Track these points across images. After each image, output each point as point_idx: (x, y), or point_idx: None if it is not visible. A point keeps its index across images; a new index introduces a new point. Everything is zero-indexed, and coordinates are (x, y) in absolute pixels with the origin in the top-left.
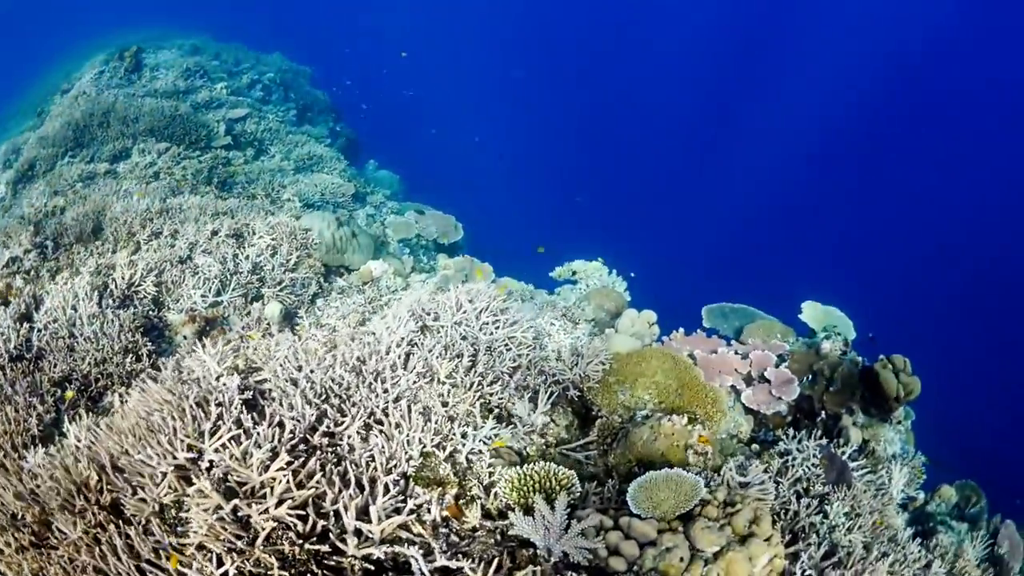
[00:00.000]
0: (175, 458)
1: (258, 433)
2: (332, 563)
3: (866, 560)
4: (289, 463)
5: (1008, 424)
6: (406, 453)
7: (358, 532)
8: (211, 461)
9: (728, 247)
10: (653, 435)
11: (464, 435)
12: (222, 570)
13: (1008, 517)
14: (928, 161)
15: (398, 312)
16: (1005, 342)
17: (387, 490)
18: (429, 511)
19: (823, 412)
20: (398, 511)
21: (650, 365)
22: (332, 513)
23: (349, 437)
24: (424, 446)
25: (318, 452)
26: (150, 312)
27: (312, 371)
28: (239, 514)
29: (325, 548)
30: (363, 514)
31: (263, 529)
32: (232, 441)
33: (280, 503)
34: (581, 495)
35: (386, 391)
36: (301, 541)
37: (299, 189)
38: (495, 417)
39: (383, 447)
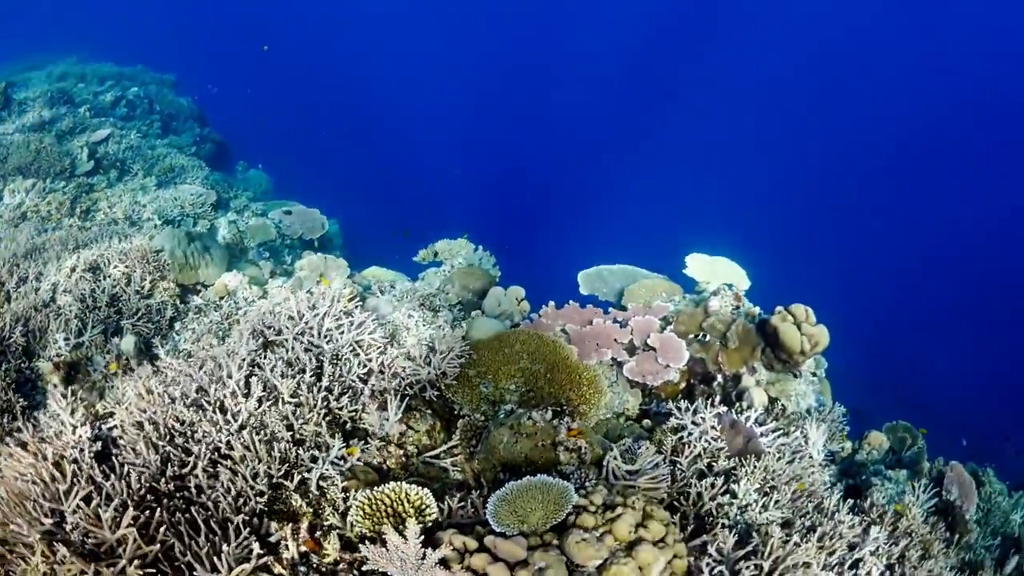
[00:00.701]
0: (43, 524)
1: (110, 487)
2: None
3: (788, 542)
4: (136, 518)
5: (944, 364)
6: (253, 488)
7: None
8: (73, 523)
9: (616, 210)
10: (514, 436)
11: (314, 459)
12: None
13: (952, 459)
14: (809, 107)
15: (242, 330)
16: (927, 275)
17: (238, 532)
18: (287, 548)
19: (720, 375)
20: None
21: (514, 350)
22: (185, 566)
23: (196, 478)
24: (272, 477)
25: (165, 500)
26: (22, 365)
27: (155, 411)
28: None
29: None
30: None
31: None
32: (84, 501)
33: (132, 561)
34: (445, 511)
35: (228, 422)
36: None
37: (159, 206)
38: (345, 433)
39: (228, 485)
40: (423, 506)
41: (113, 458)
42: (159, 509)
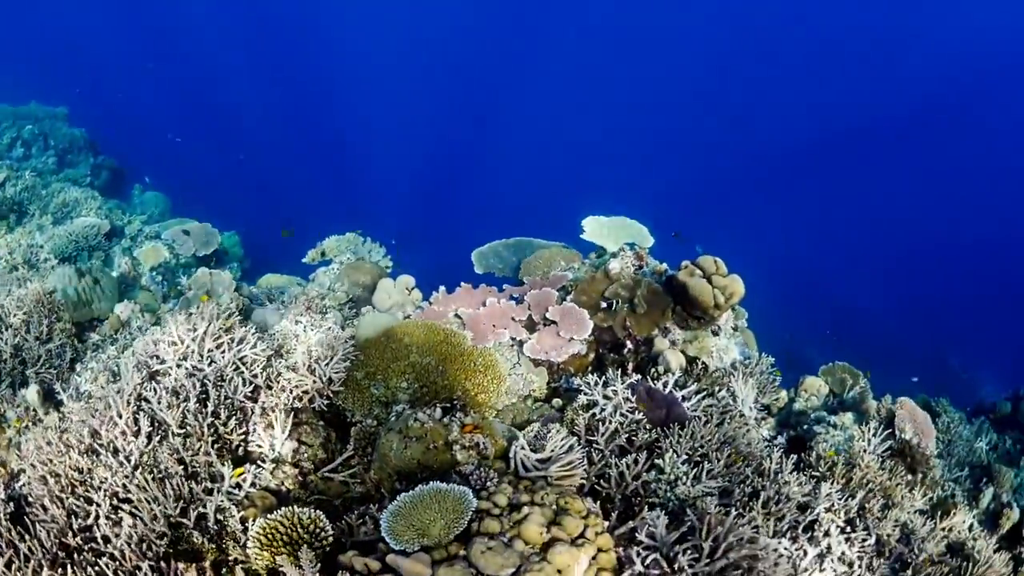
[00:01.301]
0: None
1: (26, 548)
2: None
3: (728, 514)
4: None
5: (885, 302)
6: (154, 531)
7: None
8: None
9: (518, 186)
10: (403, 442)
11: (208, 491)
12: None
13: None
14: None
15: (127, 363)
16: (849, 215)
17: None
18: None
19: (630, 340)
20: None
21: (402, 344)
22: None
23: (101, 528)
24: (170, 517)
25: (76, 554)
26: None
27: (54, 463)
28: None
29: None
30: None
31: None
32: (6, 566)
33: None
34: (346, 529)
35: (122, 464)
36: None
37: (54, 244)
38: (238, 459)
39: (130, 532)
40: (317, 529)
41: (25, 517)
42: (70, 565)
